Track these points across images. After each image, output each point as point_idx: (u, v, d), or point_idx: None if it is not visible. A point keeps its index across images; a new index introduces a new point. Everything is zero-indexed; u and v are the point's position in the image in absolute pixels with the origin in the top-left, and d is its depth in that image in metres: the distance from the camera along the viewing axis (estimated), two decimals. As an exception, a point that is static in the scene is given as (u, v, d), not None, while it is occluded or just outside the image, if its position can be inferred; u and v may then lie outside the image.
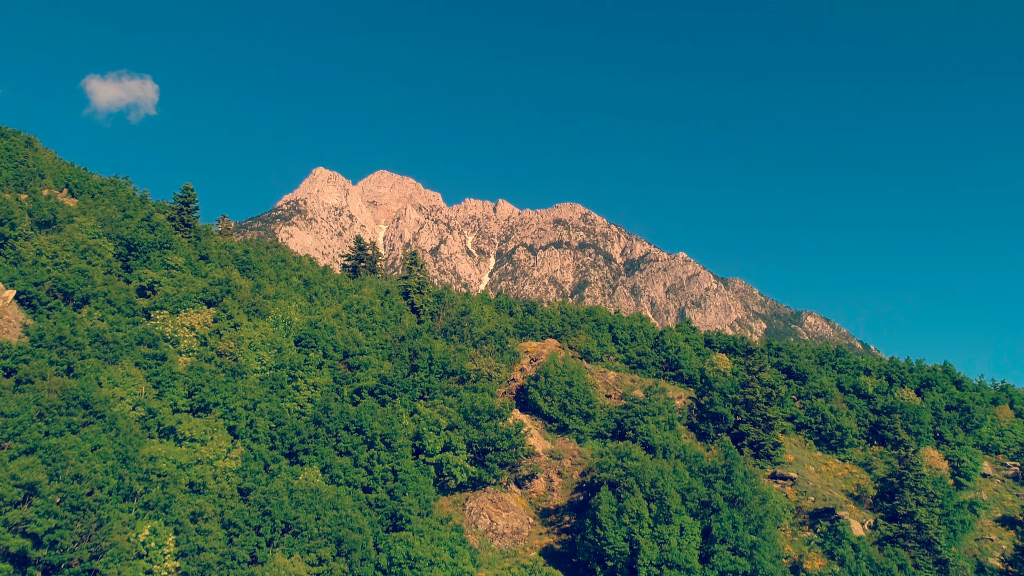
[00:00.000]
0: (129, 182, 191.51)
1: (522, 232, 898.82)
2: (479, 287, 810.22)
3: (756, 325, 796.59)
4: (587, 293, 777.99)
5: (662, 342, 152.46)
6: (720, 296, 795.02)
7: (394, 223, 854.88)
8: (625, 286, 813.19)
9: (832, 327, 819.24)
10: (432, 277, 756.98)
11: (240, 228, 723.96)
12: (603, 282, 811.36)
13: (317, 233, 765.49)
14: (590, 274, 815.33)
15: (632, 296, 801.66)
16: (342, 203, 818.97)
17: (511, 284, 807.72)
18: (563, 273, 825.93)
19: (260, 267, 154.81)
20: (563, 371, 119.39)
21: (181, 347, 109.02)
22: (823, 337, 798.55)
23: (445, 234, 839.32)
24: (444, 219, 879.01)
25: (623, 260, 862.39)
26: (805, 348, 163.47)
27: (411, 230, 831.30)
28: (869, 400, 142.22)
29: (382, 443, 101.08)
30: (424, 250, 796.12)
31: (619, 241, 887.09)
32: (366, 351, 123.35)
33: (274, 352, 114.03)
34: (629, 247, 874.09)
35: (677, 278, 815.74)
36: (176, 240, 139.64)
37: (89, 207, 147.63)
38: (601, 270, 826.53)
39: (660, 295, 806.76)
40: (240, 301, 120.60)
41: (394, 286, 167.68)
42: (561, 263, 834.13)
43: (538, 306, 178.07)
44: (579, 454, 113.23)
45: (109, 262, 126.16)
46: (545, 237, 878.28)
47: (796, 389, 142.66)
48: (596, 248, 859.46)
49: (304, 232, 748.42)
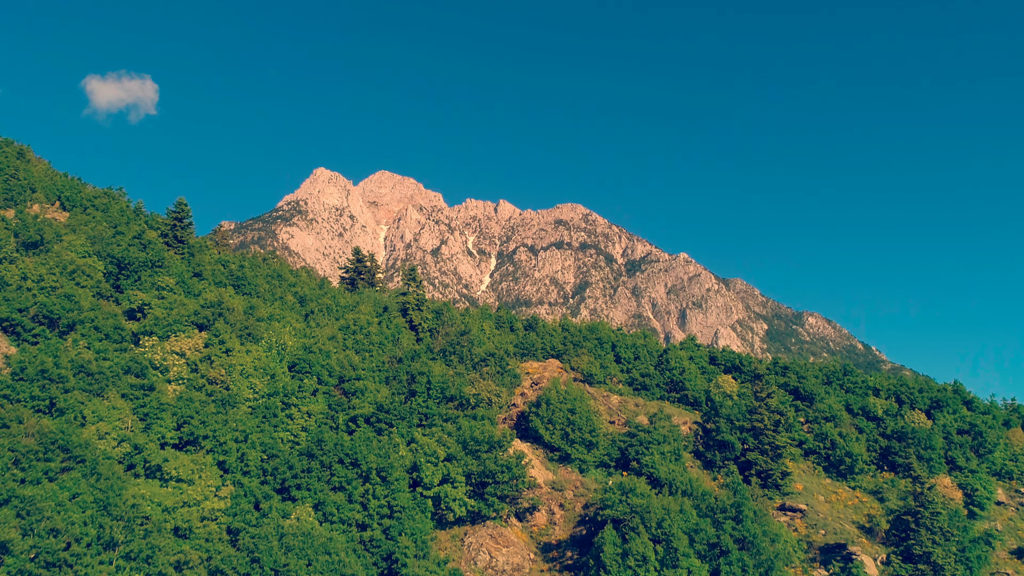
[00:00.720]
0: (123, 193, 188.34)
1: (523, 233, 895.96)
2: (480, 288, 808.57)
3: (757, 326, 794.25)
4: (588, 294, 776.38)
5: (666, 361, 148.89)
6: (721, 297, 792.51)
7: (395, 224, 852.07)
8: (626, 287, 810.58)
9: (833, 328, 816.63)
10: (433, 278, 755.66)
11: (241, 229, 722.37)
12: (604, 283, 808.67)
13: (318, 234, 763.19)
14: (591, 275, 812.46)
15: (633, 297, 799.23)
16: (343, 203, 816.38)
17: (512, 285, 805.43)
18: (564, 274, 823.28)
19: (255, 282, 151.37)
20: (565, 398, 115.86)
21: (170, 375, 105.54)
22: (824, 338, 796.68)
23: (446, 235, 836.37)
24: (445, 219, 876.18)
25: (624, 261, 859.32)
26: (812, 367, 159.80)
27: (412, 231, 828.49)
28: (879, 423, 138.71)
29: (378, 477, 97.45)
30: (425, 251, 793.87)
31: (620, 242, 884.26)
32: (362, 376, 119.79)
33: (267, 379, 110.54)
34: (630, 248, 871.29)
35: (678, 279, 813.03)
36: (168, 258, 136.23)
37: (80, 223, 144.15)
38: (602, 271, 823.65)
39: (661, 296, 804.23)
40: (232, 324, 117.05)
41: (392, 301, 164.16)
42: (562, 264, 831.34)
43: (539, 322, 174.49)
44: (582, 484, 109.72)
45: (99, 283, 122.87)
46: (546, 238, 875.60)
47: (804, 411, 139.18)
48: (597, 249, 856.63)
49: (305, 233, 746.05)
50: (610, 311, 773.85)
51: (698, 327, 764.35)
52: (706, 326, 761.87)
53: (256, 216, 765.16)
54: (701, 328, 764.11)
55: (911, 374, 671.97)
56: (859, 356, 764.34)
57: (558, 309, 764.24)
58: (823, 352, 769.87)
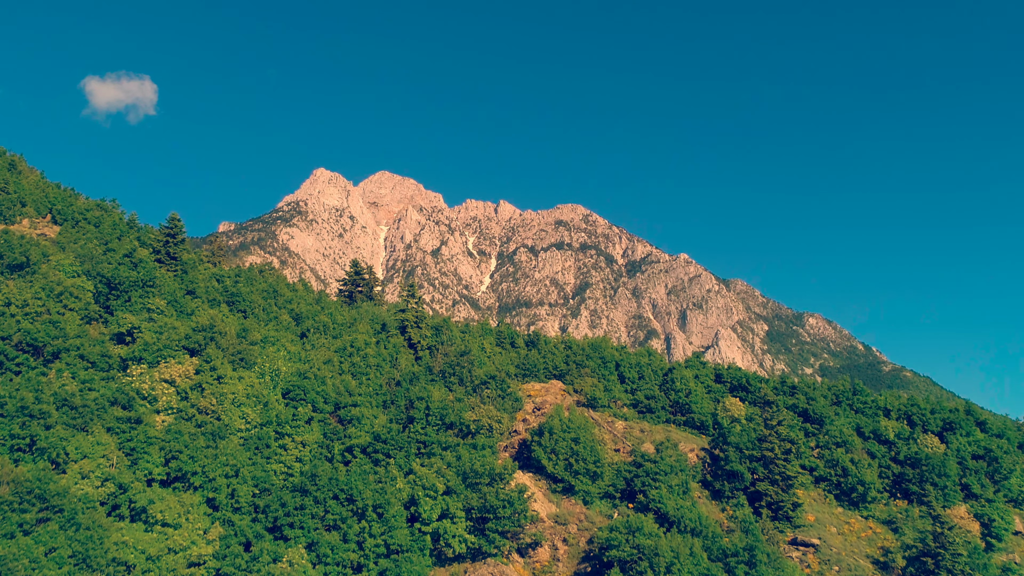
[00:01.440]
0: (117, 205, 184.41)
1: (523, 233, 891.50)
2: (480, 289, 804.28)
3: (758, 327, 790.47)
4: (588, 295, 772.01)
5: (671, 381, 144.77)
6: (722, 298, 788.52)
7: (395, 224, 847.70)
8: (627, 288, 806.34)
9: (834, 328, 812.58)
10: (433, 279, 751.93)
11: (240, 230, 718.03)
12: (604, 283, 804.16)
13: (318, 235, 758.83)
14: (591, 276, 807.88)
15: (633, 298, 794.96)
16: (343, 204, 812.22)
17: (512, 286, 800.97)
18: (564, 275, 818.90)
19: (250, 299, 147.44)
20: (568, 426, 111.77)
21: (159, 405, 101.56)
22: (825, 339, 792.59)
23: (446, 235, 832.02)
24: (445, 220, 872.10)
25: (625, 262, 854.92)
26: (821, 387, 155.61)
27: (412, 231, 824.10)
28: (890, 446, 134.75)
29: (374, 513, 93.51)
30: (425, 251, 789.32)
31: (620, 242, 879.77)
32: (359, 401, 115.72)
33: (259, 408, 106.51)
34: (631, 248, 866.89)
35: (679, 280, 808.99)
36: (160, 276, 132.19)
37: (69, 241, 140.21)
38: (602, 271, 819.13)
39: (662, 297, 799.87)
40: (224, 349, 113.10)
41: (391, 318, 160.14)
42: (563, 264, 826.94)
43: (541, 337, 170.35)
44: (586, 518, 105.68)
45: (87, 305, 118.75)
46: (546, 238, 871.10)
47: (814, 435, 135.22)
48: (597, 249, 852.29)
49: (305, 233, 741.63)
50: (610, 312, 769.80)
51: (698, 328, 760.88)
52: (706, 327, 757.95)
53: (256, 217, 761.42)
54: (701, 329, 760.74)
55: (915, 377, 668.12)
56: (859, 357, 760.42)
57: (558, 310, 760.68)
58: (823, 353, 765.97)
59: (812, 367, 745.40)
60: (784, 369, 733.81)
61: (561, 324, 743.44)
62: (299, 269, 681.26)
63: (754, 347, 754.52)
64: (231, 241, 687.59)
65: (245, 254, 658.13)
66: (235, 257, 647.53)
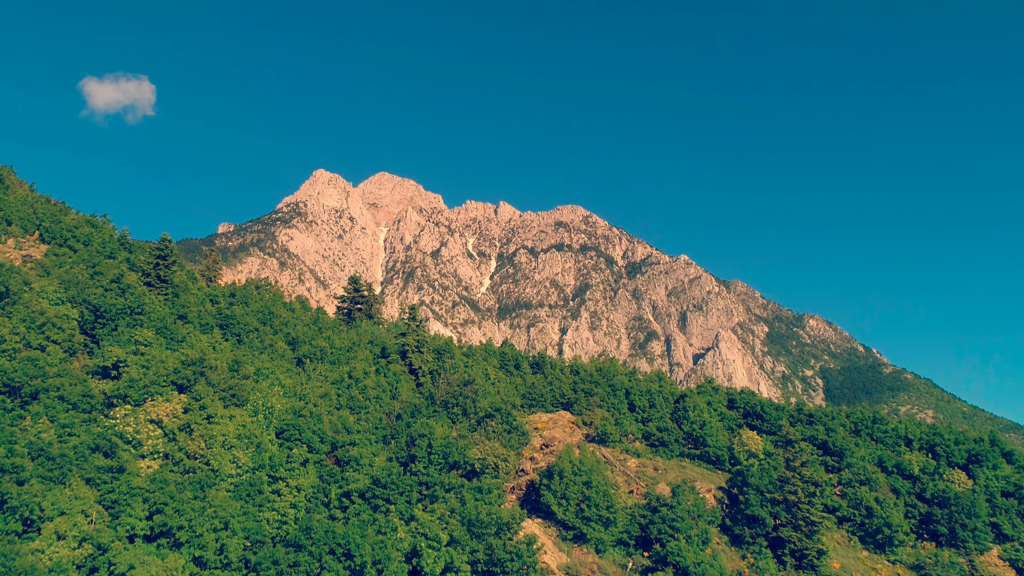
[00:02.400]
0: (108, 220, 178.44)
1: (523, 234, 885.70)
2: (480, 290, 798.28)
3: (758, 328, 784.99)
4: (588, 296, 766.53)
5: (683, 410, 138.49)
6: (722, 299, 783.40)
7: (395, 225, 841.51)
8: (627, 289, 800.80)
9: (834, 330, 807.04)
10: (433, 280, 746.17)
11: (240, 231, 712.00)
12: (604, 285, 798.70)
13: (317, 236, 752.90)
14: (591, 277, 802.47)
15: (633, 300, 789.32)
16: (343, 205, 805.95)
17: (512, 287, 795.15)
18: (564, 276, 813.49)
19: (244, 321, 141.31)
20: (579, 469, 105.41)
21: (144, 449, 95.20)
22: (825, 340, 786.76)
23: (446, 236, 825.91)
24: (445, 221, 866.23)
25: (624, 263, 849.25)
26: (839, 415, 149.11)
27: (412, 233, 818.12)
28: (915, 482, 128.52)
29: (373, 569, 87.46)
30: (425, 253, 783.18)
31: (620, 244, 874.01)
32: (357, 440, 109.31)
33: (251, 450, 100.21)
34: (630, 250, 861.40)
35: (679, 281, 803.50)
36: (149, 303, 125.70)
37: (55, 264, 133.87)
38: (602, 273, 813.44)
39: (662, 298, 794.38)
40: (215, 385, 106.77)
41: (391, 341, 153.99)
42: (562, 266, 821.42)
43: (547, 360, 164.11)
44: (599, 568, 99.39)
45: (71, 336, 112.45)
46: (546, 240, 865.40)
47: (835, 470, 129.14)
48: (597, 251, 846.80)
49: (304, 235, 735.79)
50: (610, 314, 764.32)
51: (699, 330, 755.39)
52: (707, 329, 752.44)
53: (255, 218, 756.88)
54: (702, 331, 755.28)
55: (916, 379, 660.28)
56: (860, 359, 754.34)
57: (558, 312, 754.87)
58: (824, 355, 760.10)
59: (812, 369, 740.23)
60: (784, 371, 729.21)
61: (561, 326, 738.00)
62: (298, 270, 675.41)
63: (754, 349, 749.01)
64: (230, 242, 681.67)
65: (244, 255, 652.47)
66: (235, 258, 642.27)
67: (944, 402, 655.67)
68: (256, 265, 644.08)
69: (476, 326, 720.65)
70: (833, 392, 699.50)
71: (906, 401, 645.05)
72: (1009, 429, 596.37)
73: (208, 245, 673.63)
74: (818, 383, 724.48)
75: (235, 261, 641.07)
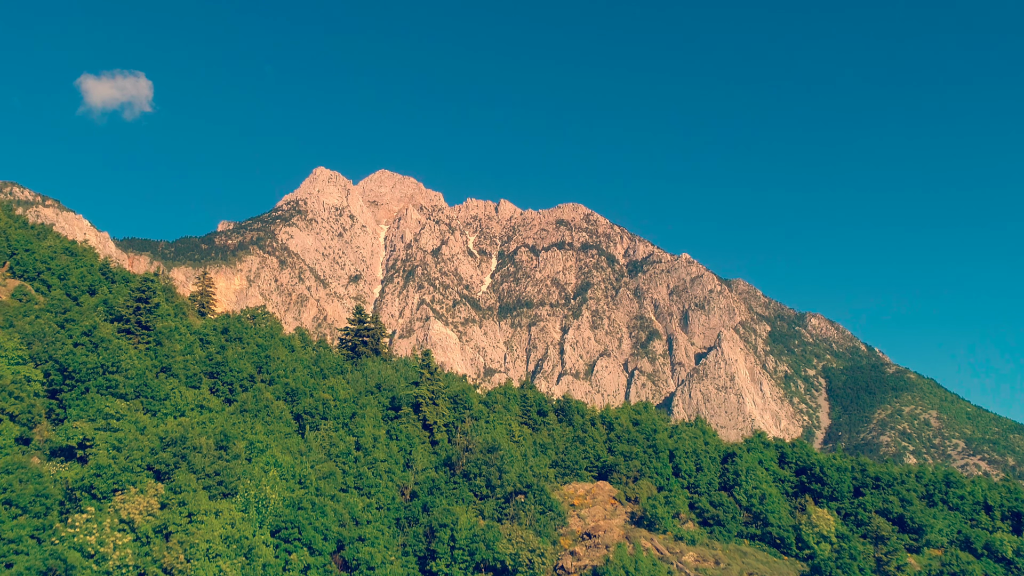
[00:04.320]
0: (89, 247, 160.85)
1: (524, 233, 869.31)
2: (481, 289, 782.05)
3: (760, 328, 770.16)
4: (590, 295, 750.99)
5: (734, 473, 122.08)
6: (724, 298, 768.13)
7: (395, 223, 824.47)
8: (628, 288, 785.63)
9: (836, 329, 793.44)
10: (433, 279, 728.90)
11: (240, 229, 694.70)
12: (606, 284, 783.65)
13: (317, 234, 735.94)
14: (593, 276, 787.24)
15: (635, 298, 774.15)
16: (343, 203, 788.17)
17: (513, 286, 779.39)
18: (565, 275, 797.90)
19: (238, 367, 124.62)
20: (631, 574, 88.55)
21: (109, 565, 78.08)
22: (827, 339, 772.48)
23: (447, 235, 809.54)
24: (446, 219, 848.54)
25: (626, 261, 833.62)
26: (910, 479, 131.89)
27: (412, 231, 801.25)
28: (1009, 566, 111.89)
29: None
30: (425, 251, 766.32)
31: (622, 242, 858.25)
32: (367, 535, 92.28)
33: (240, 559, 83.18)
34: (632, 248, 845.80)
35: (680, 280, 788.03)
36: (127, 359, 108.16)
37: (21, 309, 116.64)
38: (604, 271, 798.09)
39: (663, 297, 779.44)
40: (198, 471, 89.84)
41: (401, 389, 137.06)
42: (563, 264, 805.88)
43: (572, 406, 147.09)
44: None
45: (30, 407, 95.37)
46: (547, 238, 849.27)
47: (914, 550, 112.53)
48: (599, 249, 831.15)
49: (304, 233, 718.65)
50: (612, 313, 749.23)
51: (701, 329, 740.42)
52: (708, 328, 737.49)
53: (255, 216, 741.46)
54: (704, 330, 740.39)
55: (920, 379, 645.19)
56: (862, 358, 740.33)
57: (559, 310, 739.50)
58: (826, 354, 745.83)
59: (815, 369, 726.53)
60: (787, 371, 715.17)
61: (562, 325, 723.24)
62: (298, 269, 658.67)
63: (756, 348, 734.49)
64: (230, 241, 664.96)
65: (244, 254, 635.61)
66: (234, 257, 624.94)
67: (948, 402, 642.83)
68: (256, 264, 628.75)
69: (477, 325, 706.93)
70: (836, 392, 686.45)
71: (909, 401, 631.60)
72: (1014, 430, 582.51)
73: (207, 243, 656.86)
74: (821, 383, 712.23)
75: (235, 260, 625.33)
